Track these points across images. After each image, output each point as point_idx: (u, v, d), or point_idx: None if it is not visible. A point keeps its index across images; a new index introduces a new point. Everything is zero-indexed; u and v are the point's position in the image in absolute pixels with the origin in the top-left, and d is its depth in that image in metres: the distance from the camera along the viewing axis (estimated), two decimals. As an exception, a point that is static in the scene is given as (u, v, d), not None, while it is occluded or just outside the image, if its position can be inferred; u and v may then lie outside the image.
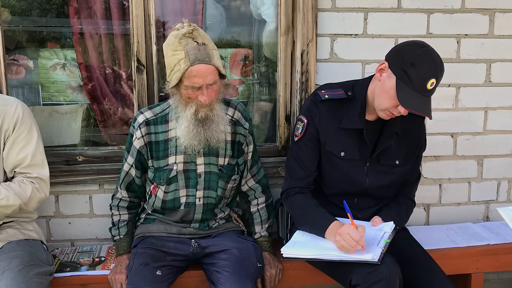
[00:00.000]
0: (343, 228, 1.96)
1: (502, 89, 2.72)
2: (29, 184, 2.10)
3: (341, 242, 1.94)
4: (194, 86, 2.01)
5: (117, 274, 2.17)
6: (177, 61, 1.99)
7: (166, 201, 2.22)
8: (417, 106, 1.94)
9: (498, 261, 2.48)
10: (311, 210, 2.14)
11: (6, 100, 2.14)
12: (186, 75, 1.99)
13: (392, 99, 1.96)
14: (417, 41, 2.04)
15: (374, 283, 1.90)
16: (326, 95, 2.16)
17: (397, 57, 1.98)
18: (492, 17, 2.64)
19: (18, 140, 2.10)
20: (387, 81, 1.98)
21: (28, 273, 1.95)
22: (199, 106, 2.06)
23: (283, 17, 2.52)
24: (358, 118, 2.11)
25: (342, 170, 2.19)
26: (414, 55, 1.93)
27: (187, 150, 2.13)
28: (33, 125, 2.15)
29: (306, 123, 2.18)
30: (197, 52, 1.98)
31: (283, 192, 2.27)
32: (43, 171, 2.16)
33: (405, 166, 2.22)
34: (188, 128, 2.07)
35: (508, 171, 2.82)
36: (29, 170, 2.12)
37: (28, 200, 2.09)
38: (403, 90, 1.93)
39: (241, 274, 2.07)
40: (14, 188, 2.06)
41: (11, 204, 2.04)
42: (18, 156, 2.10)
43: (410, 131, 2.21)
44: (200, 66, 1.99)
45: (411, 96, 1.92)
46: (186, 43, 1.98)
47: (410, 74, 1.92)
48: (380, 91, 2.02)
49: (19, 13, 2.56)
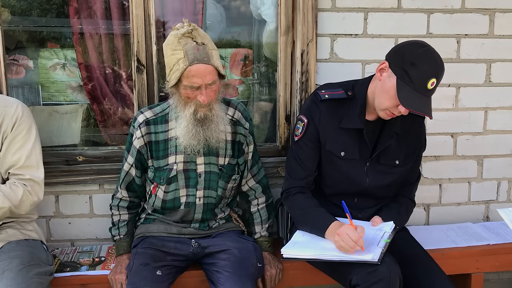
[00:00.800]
0: (341, 228, 1.96)
1: (502, 89, 2.72)
2: (20, 187, 2.07)
3: (340, 242, 1.94)
4: (193, 86, 2.01)
5: (117, 274, 2.17)
6: (176, 60, 1.99)
7: (166, 200, 2.22)
8: (417, 106, 1.94)
9: (498, 261, 2.48)
10: (311, 210, 2.14)
11: (6, 101, 2.14)
12: (185, 74, 1.99)
13: (393, 98, 1.96)
14: (418, 41, 2.04)
15: (374, 283, 1.90)
16: (326, 95, 2.16)
17: (397, 57, 1.98)
18: (492, 17, 2.64)
19: (15, 141, 2.09)
20: (387, 80, 1.98)
21: (28, 273, 1.95)
22: (198, 106, 2.06)
23: (283, 17, 2.52)
24: (358, 118, 2.11)
25: (342, 170, 2.19)
26: (414, 55, 1.93)
27: (186, 150, 2.13)
28: (32, 126, 2.14)
29: (306, 123, 2.18)
30: (196, 52, 1.98)
31: (283, 192, 2.27)
32: (37, 173, 2.13)
33: (405, 166, 2.22)
34: (187, 128, 2.07)
35: (508, 171, 2.82)
36: (22, 171, 2.09)
37: (19, 203, 2.06)
38: (404, 89, 1.93)
39: (241, 274, 2.07)
40: (4, 190, 2.03)
41: (0, 206, 2.02)
42: (13, 157, 2.09)
43: (410, 131, 2.21)
44: (199, 66, 1.98)
45: (412, 96, 1.92)
46: (185, 43, 1.99)
47: (411, 73, 1.91)
48: (380, 90, 2.02)
49: (19, 13, 2.56)
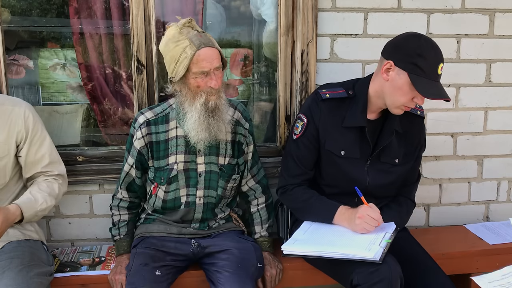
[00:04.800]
0: (360, 211, 2.05)
1: (502, 89, 2.72)
2: (55, 182, 2.17)
3: (363, 224, 2.04)
4: (203, 71, 2.02)
5: (117, 275, 2.17)
6: (182, 50, 2.01)
7: (167, 200, 2.22)
8: (436, 93, 1.99)
9: (498, 261, 2.47)
10: (314, 199, 2.18)
11: (13, 101, 2.16)
12: (194, 60, 2.01)
13: (408, 93, 2.00)
14: (409, 32, 2.07)
15: (375, 283, 1.91)
16: (327, 94, 2.17)
17: (400, 53, 2.00)
18: (492, 17, 2.64)
19: (34, 141, 2.14)
20: (397, 78, 2.00)
21: (29, 273, 1.95)
22: (208, 94, 2.06)
23: (283, 17, 2.52)
24: (361, 116, 2.13)
25: (342, 169, 2.19)
26: (417, 46, 1.96)
27: (196, 145, 2.12)
28: (42, 125, 2.20)
29: (306, 122, 2.19)
30: (200, 38, 2.02)
31: (279, 188, 2.30)
32: (62, 167, 2.25)
33: (404, 165, 2.23)
34: (199, 120, 2.07)
35: (508, 171, 2.82)
36: (51, 168, 2.19)
37: (57, 196, 2.17)
38: (419, 81, 1.96)
39: (241, 274, 2.07)
40: (46, 189, 2.11)
41: (49, 205, 2.10)
42: (36, 156, 2.15)
43: (409, 131, 2.22)
44: (206, 50, 2.02)
45: (428, 85, 1.97)
46: (187, 32, 2.03)
47: (421, 65, 1.95)
48: (392, 89, 2.03)
49: (19, 13, 2.56)
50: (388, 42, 2.10)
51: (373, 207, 2.07)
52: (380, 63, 2.10)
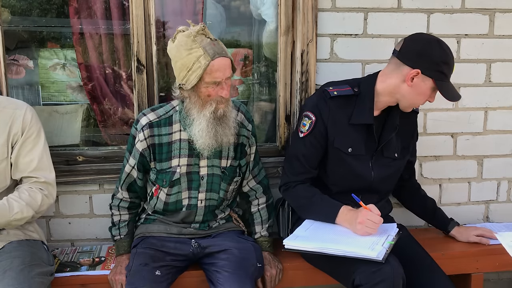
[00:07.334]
0: (360, 216, 2.05)
1: (502, 89, 2.72)
2: (38, 192, 2.09)
3: (365, 229, 2.05)
4: (215, 81, 2.01)
5: (117, 275, 2.16)
6: (195, 59, 1.97)
7: (169, 203, 2.22)
8: (456, 95, 2.12)
9: (498, 261, 2.48)
10: (316, 198, 2.19)
11: (15, 104, 2.15)
12: (208, 70, 1.98)
13: (428, 96, 2.11)
14: (426, 36, 2.12)
15: (377, 283, 1.91)
16: (335, 91, 2.19)
17: (427, 62, 2.04)
18: (492, 17, 2.64)
19: (26, 144, 2.10)
20: (422, 84, 2.07)
21: (30, 273, 1.95)
22: (218, 103, 2.05)
23: (283, 17, 2.52)
24: (369, 114, 2.16)
25: (349, 166, 2.22)
26: (441, 55, 2.05)
27: (203, 151, 2.11)
28: (41, 129, 2.16)
29: (315, 120, 2.19)
30: (213, 47, 1.99)
31: (281, 186, 2.30)
32: (50, 175, 2.16)
33: (402, 159, 2.32)
34: (207, 128, 2.05)
35: (508, 171, 2.82)
36: (37, 174, 2.12)
37: (39, 208, 2.09)
38: (445, 87, 2.07)
39: (241, 274, 2.07)
40: (25, 199, 2.04)
41: (25, 216, 2.04)
42: (24, 159, 2.10)
43: (406, 126, 2.29)
44: (220, 60, 2.00)
45: (450, 89, 2.09)
46: (201, 40, 1.98)
47: (446, 71, 2.07)
48: (414, 94, 2.10)
49: (19, 13, 2.56)
50: (408, 48, 2.08)
51: (373, 209, 2.07)
52: (396, 66, 2.10)
